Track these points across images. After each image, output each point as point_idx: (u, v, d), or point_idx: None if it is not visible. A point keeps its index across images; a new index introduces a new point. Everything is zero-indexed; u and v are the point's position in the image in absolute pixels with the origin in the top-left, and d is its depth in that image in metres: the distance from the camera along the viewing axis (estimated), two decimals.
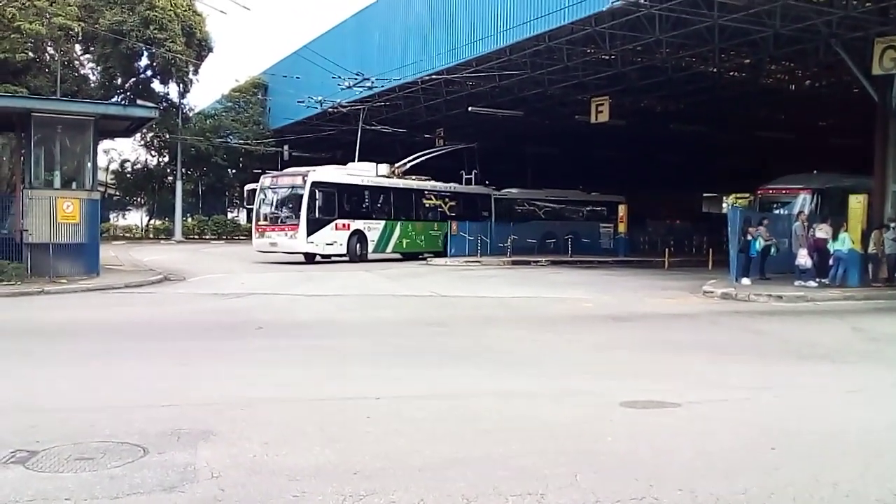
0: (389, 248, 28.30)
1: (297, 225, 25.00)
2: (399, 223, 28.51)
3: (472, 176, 32.98)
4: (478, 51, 22.70)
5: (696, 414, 6.23)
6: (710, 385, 7.49)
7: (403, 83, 26.87)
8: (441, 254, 29.17)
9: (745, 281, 17.63)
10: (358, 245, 26.58)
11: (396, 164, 30.19)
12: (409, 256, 29.08)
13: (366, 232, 26.90)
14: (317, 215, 25.16)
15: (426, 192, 30.31)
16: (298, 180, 25.61)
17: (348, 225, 26.25)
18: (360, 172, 28.23)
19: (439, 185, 31.04)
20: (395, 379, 7.57)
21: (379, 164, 28.94)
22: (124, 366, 8.08)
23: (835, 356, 9.32)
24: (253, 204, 27.41)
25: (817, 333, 11.52)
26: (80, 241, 17.08)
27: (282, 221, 25.76)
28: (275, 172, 28.51)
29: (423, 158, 31.45)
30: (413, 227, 29.15)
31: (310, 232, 25.03)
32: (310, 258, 25.85)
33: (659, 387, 7.21)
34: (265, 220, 26.44)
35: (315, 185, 25.21)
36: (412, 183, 29.97)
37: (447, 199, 31.09)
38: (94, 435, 5.20)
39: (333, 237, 25.73)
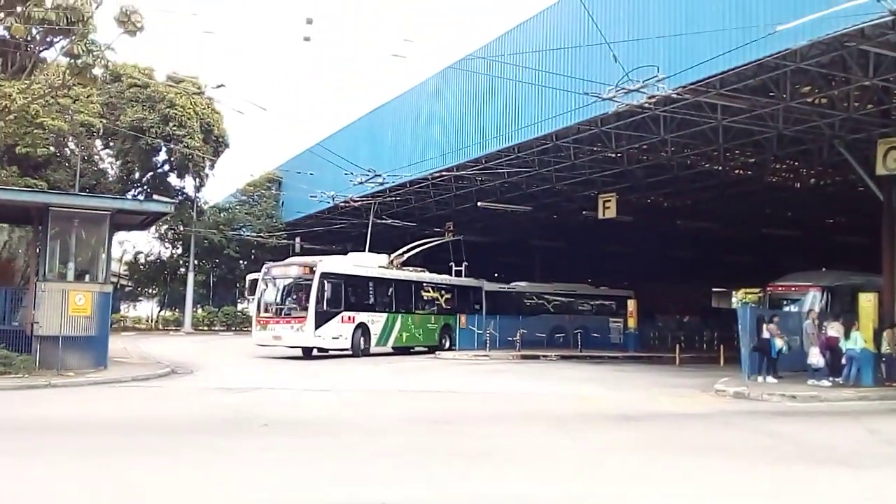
0: (390, 342, 27.29)
1: (305, 317, 23.69)
2: (400, 316, 27.59)
3: (462, 268, 32.51)
4: (487, 149, 23.20)
5: None
6: (727, 492, 7.32)
7: (414, 179, 27.36)
8: (436, 348, 28.63)
9: (771, 380, 17.37)
10: (362, 339, 25.46)
11: (393, 255, 29.78)
12: (404, 351, 28.18)
13: (369, 325, 25.86)
14: (325, 307, 24.02)
15: (424, 285, 29.70)
16: (306, 271, 24.58)
17: (353, 318, 25.19)
18: (364, 263, 27.61)
19: (436, 278, 30.66)
20: (401, 482, 7.42)
21: (378, 255, 28.66)
22: (122, 465, 7.94)
23: (851, 461, 9.10)
24: (254, 294, 25.92)
25: (833, 436, 11.30)
26: (90, 334, 17.07)
27: (287, 314, 24.46)
28: (279, 262, 27.09)
29: (418, 250, 31.26)
30: (412, 321, 28.28)
31: (318, 325, 23.79)
32: (307, 353, 24.76)
33: (674, 491, 7.06)
34: (268, 311, 24.99)
35: (324, 275, 24.21)
36: (412, 275, 29.45)
37: (443, 292, 30.52)
38: None
39: (339, 330, 24.53)
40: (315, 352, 24.72)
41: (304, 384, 16.68)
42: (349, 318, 24.95)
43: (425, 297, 29.55)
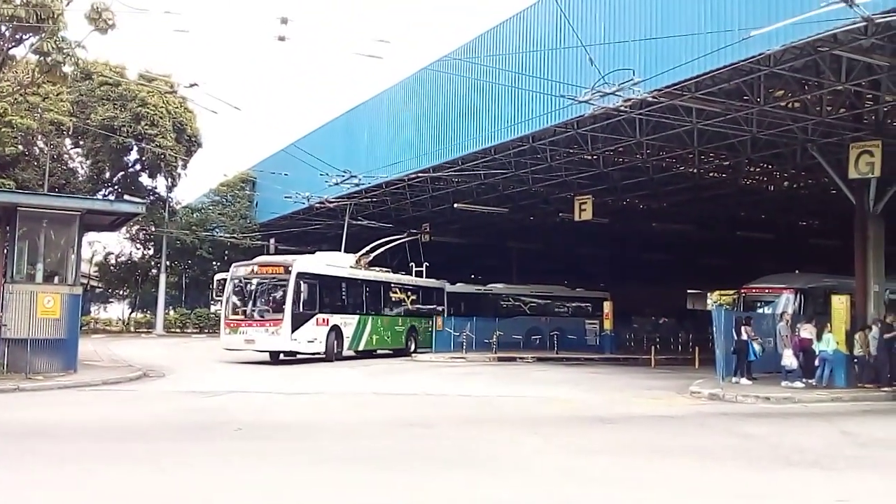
0: (362, 345, 26.18)
1: (281, 320, 22.47)
2: (370, 318, 26.61)
3: (423, 269, 31.78)
4: (463, 150, 23.16)
5: None
6: (701, 494, 7.33)
7: (390, 180, 27.25)
8: (403, 352, 28.02)
9: (745, 381, 17.50)
10: (335, 342, 24.34)
11: (360, 254, 28.94)
12: (369, 354, 26.73)
13: (342, 328, 24.79)
14: (301, 309, 22.87)
15: (392, 286, 28.89)
16: (281, 271, 23.41)
17: (328, 320, 24.04)
18: (336, 263, 26.57)
19: (403, 278, 30.08)
20: (377, 486, 7.33)
21: (345, 255, 27.81)
22: (93, 472, 7.79)
23: (824, 462, 9.16)
24: (222, 295, 24.30)
25: (806, 437, 11.37)
26: (60, 337, 16.76)
27: (260, 316, 23.08)
28: (250, 261, 25.61)
29: (383, 249, 30.74)
30: (381, 323, 27.35)
31: (294, 328, 22.59)
32: (275, 357, 23.70)
33: (648, 495, 7.04)
34: (238, 313, 23.50)
35: (300, 275, 23.09)
36: (381, 275, 28.62)
37: (409, 293, 29.83)
38: None
39: (314, 333, 23.36)
40: (282, 356, 23.74)
41: (278, 387, 16.52)
42: (324, 320, 23.87)
43: (393, 299, 28.86)
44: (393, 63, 31.36)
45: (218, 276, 25.70)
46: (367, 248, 29.86)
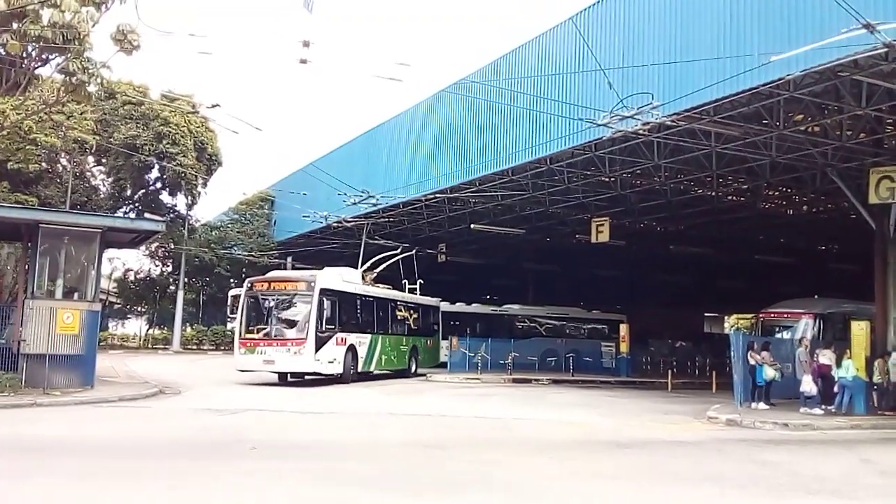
0: (373, 366, 25.02)
1: (304, 339, 21.16)
2: (380, 337, 25.46)
3: (417, 286, 30.58)
4: (481, 172, 23.22)
5: None
6: None
7: (407, 200, 27.35)
8: (405, 373, 27.16)
9: (754, 405, 17.37)
10: (352, 362, 23.27)
11: (363, 269, 27.95)
12: (369, 376, 25.41)
13: (357, 347, 23.62)
14: (323, 328, 21.62)
15: (398, 304, 27.88)
16: (303, 286, 22.06)
17: (345, 339, 22.87)
18: (350, 279, 25.23)
19: (406, 296, 29.17)
20: None
21: (350, 270, 26.45)
22: (106, 489, 7.82)
23: (844, 490, 9.03)
24: (236, 313, 22.67)
25: (825, 465, 11.22)
26: (78, 353, 16.89)
27: (280, 335, 21.68)
28: (267, 276, 24.28)
29: (387, 263, 30.12)
30: (389, 342, 26.17)
31: (317, 347, 21.38)
32: (282, 377, 22.65)
33: None
34: (256, 332, 21.93)
35: (323, 291, 21.82)
36: (390, 293, 27.87)
37: (412, 311, 28.70)
38: None
39: (334, 354, 22.18)
40: (289, 377, 22.92)
41: (293, 406, 16.51)
42: (342, 339, 22.72)
43: (399, 317, 27.79)
44: (412, 85, 31.59)
45: (232, 292, 24.35)
46: (369, 263, 29.05)
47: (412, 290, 30.35)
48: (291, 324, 21.84)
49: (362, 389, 21.44)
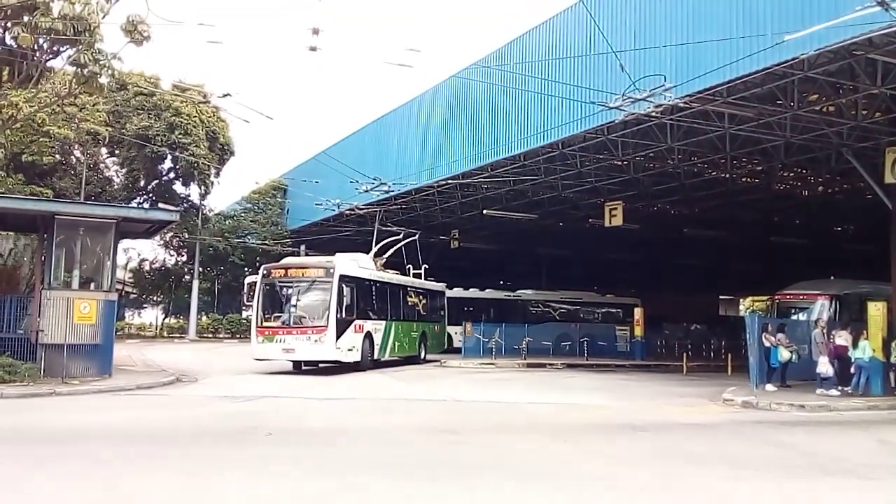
0: (387, 353, 24.75)
1: (325, 327, 20.71)
2: (394, 323, 25.24)
3: (422, 271, 30.03)
4: (493, 157, 23.16)
5: None
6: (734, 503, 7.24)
7: (419, 186, 27.33)
8: (415, 360, 26.93)
9: (770, 387, 17.33)
10: (369, 350, 22.94)
11: (373, 253, 27.56)
12: (387, 363, 25.17)
13: (374, 334, 23.35)
14: (343, 315, 21.21)
15: (409, 289, 27.58)
16: (321, 273, 21.55)
17: (362, 326, 22.57)
18: (366, 265, 25.00)
19: (416, 282, 28.90)
20: (406, 493, 7.36)
21: (360, 255, 25.86)
22: (127, 474, 7.92)
23: (861, 472, 9.00)
24: (252, 301, 22.20)
25: (842, 446, 11.19)
26: (95, 342, 17.09)
27: (300, 322, 21.15)
28: (283, 262, 23.59)
29: (394, 249, 29.53)
30: (402, 328, 25.95)
31: (338, 335, 20.95)
32: (297, 366, 22.35)
33: None
34: (275, 321, 21.54)
35: (342, 278, 21.44)
36: (402, 278, 27.60)
37: (420, 297, 28.55)
38: None
39: (353, 341, 21.83)
40: (303, 366, 22.67)
41: (308, 393, 16.62)
42: (359, 326, 22.43)
43: (410, 303, 27.59)
44: (422, 71, 31.50)
45: (248, 280, 23.95)
46: (377, 247, 28.57)
47: (417, 276, 30.04)
48: (311, 311, 21.37)
49: (377, 376, 21.52)
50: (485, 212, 29.55)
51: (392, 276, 27.07)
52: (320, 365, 22.68)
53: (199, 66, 78.15)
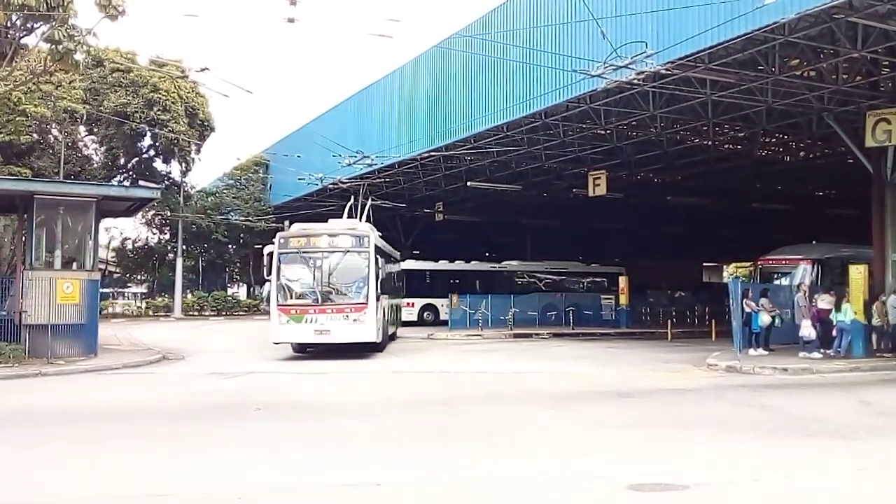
0: (391, 330, 23.38)
1: (365, 305, 18.00)
2: (391, 299, 23.69)
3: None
4: (475, 128, 23.05)
5: (706, 497, 6.09)
6: (719, 466, 7.35)
7: (403, 159, 27.19)
8: (393, 335, 24.54)
9: (752, 352, 17.53)
10: (385, 328, 20.84)
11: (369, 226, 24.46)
12: None
13: (386, 312, 21.37)
14: (380, 290, 18.90)
15: (393, 261, 25.69)
16: (352, 242, 18.63)
17: (382, 304, 20.15)
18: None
19: (396, 253, 27.34)
20: (395, 464, 7.41)
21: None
22: (119, 452, 7.93)
23: (843, 432, 9.15)
24: (272, 274, 18.64)
25: (824, 408, 11.34)
26: (80, 322, 17.00)
27: (333, 299, 18.31)
28: (304, 228, 19.83)
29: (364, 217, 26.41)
30: (393, 304, 24.74)
31: (376, 314, 18.46)
32: (301, 349, 19.59)
33: (666, 468, 7.07)
34: (301, 297, 18.50)
35: (377, 249, 18.98)
36: (394, 251, 26.26)
37: (394, 270, 26.49)
38: None
39: (379, 321, 19.27)
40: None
41: (296, 368, 16.65)
42: (382, 304, 20.12)
43: (394, 276, 25.76)
44: (404, 41, 31.17)
45: (267, 249, 19.29)
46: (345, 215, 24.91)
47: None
48: (346, 286, 18.57)
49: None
50: (469, 184, 29.51)
51: (392, 249, 26.11)
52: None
53: (176, 40, 77.18)
